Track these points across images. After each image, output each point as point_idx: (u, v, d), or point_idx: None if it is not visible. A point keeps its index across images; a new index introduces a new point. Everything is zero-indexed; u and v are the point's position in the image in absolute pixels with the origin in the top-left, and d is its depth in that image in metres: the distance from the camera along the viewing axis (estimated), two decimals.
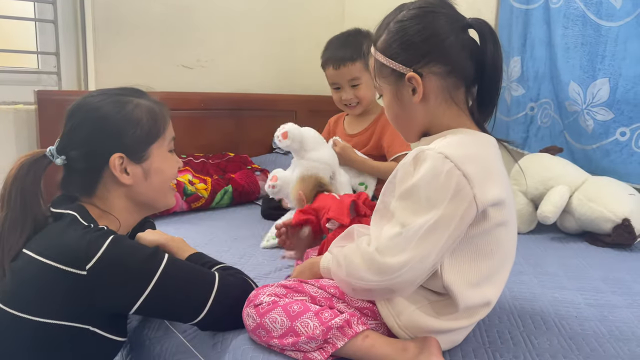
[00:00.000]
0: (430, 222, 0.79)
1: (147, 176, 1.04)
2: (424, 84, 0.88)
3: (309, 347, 0.87)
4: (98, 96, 1.04)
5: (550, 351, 0.95)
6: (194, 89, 2.32)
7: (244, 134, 2.46)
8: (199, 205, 1.90)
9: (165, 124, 1.08)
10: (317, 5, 2.75)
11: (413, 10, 0.90)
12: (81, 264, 0.88)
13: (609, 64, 1.77)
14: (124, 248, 0.93)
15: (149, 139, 1.04)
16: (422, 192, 0.80)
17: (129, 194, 1.04)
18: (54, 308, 0.89)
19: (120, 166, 1.01)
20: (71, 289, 0.89)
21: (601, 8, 1.77)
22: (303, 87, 2.68)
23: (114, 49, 2.08)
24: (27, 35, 2.05)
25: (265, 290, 0.95)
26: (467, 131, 0.90)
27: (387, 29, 0.91)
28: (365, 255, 0.84)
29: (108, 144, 1.00)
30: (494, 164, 0.88)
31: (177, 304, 0.97)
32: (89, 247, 0.89)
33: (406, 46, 0.89)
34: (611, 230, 1.61)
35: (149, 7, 2.17)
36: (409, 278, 0.81)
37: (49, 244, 0.92)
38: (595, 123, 1.82)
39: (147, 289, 0.91)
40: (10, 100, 1.92)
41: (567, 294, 1.22)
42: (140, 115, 1.03)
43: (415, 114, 0.92)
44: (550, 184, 1.72)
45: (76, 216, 0.96)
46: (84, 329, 0.91)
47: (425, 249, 0.80)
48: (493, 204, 0.83)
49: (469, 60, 0.88)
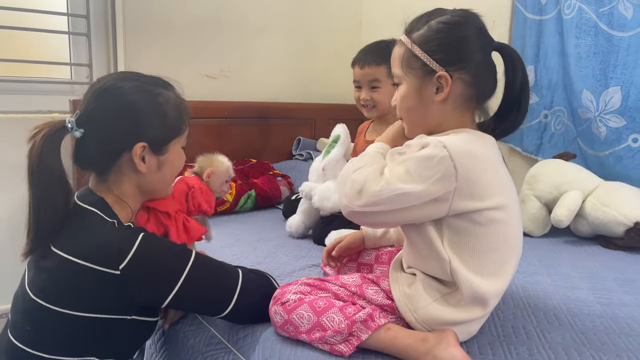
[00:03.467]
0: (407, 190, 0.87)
1: (160, 168, 1.05)
2: (451, 87, 0.94)
3: (335, 340, 0.92)
4: (129, 82, 1.02)
5: (562, 345, 1.00)
6: (218, 98, 2.41)
7: (266, 141, 2.54)
8: (224, 209, 1.98)
9: (187, 119, 1.09)
10: (334, 17, 2.83)
11: (456, 17, 0.95)
12: (114, 264, 0.91)
13: (620, 72, 1.81)
14: (154, 246, 0.97)
15: (172, 134, 1.06)
16: (414, 167, 0.87)
17: (139, 180, 1.05)
18: (92, 304, 0.93)
19: (141, 154, 1.01)
20: (106, 287, 0.92)
21: (612, 19, 1.81)
22: (322, 96, 2.75)
23: (143, 60, 2.18)
24: (62, 47, 2.15)
25: (290, 288, 1.01)
26: (469, 130, 0.96)
27: (428, 25, 0.95)
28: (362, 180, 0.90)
29: (132, 132, 1.00)
30: (494, 163, 0.94)
31: (205, 298, 1.02)
32: (121, 247, 0.92)
33: (446, 47, 0.94)
34: (623, 234, 1.65)
35: (175, 21, 2.28)
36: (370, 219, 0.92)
37: (80, 244, 0.94)
38: (608, 130, 1.86)
39: (177, 284, 0.95)
40: (46, 109, 2.02)
41: (580, 293, 1.26)
42: (168, 110, 1.03)
43: (430, 111, 0.97)
44: (563, 189, 1.77)
45: (98, 213, 0.98)
46: (122, 319, 0.96)
47: (393, 206, 0.88)
48: (469, 211, 0.89)
49: (489, 79, 0.96)
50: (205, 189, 1.31)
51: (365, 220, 0.94)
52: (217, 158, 1.36)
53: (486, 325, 1.05)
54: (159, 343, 1.25)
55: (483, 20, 0.97)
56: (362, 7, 2.92)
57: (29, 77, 2.07)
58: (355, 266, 1.26)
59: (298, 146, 2.62)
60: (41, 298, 0.93)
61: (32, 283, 0.96)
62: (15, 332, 0.96)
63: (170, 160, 1.07)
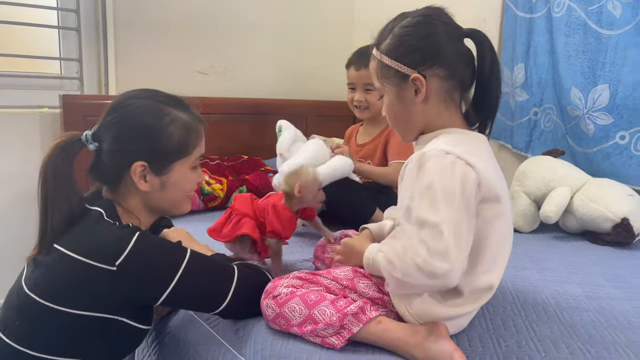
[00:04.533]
0: (453, 214, 0.84)
1: (163, 188, 1.05)
2: (427, 85, 0.95)
3: (326, 332, 0.93)
4: (143, 99, 1.04)
5: (550, 337, 1.01)
6: (210, 94, 2.40)
7: (257, 138, 2.53)
8: (216, 204, 1.98)
9: (196, 142, 1.07)
10: (327, 14, 2.83)
11: (417, 17, 0.98)
12: (111, 260, 0.91)
13: (609, 70, 1.83)
14: (150, 244, 0.98)
15: (175, 156, 1.05)
16: (437, 187, 0.86)
17: (144, 198, 1.06)
18: (86, 301, 0.92)
19: (141, 173, 1.02)
20: (102, 283, 0.92)
21: (601, 17, 1.84)
22: (313, 93, 2.76)
23: (134, 56, 2.17)
24: (51, 42, 2.13)
25: (282, 282, 1.02)
26: (459, 130, 0.98)
27: (392, 33, 0.98)
28: (419, 264, 0.84)
29: (136, 149, 1.02)
30: (487, 160, 0.95)
31: (200, 295, 1.02)
32: (118, 243, 0.93)
33: (412, 49, 0.96)
34: (611, 230, 1.67)
35: (167, 16, 2.26)
36: (459, 267, 0.85)
37: (78, 241, 0.95)
38: (596, 127, 1.88)
39: (172, 282, 0.96)
40: (35, 104, 2.01)
41: (568, 288, 1.28)
42: (174, 131, 1.03)
43: (414, 114, 0.99)
44: (552, 185, 1.79)
45: (102, 213, 1.00)
46: (114, 320, 0.95)
47: (459, 238, 0.84)
48: (490, 186, 0.89)
49: (465, 66, 0.97)
50: (281, 210, 1.24)
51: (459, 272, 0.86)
52: (302, 170, 1.28)
53: (476, 319, 1.06)
54: (150, 337, 1.25)
55: (448, 12, 0.99)
56: (354, 5, 2.93)
57: (18, 72, 2.04)
58: None
59: None
60: (35, 293, 0.93)
61: (28, 278, 0.97)
62: (4, 327, 0.95)
63: (173, 181, 1.06)
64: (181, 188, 1.08)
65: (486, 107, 0.99)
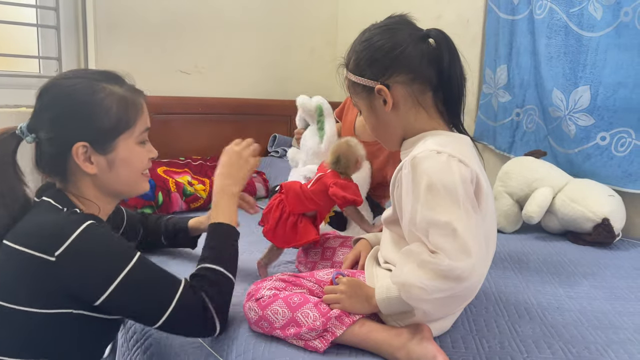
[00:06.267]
0: (461, 209, 0.83)
1: (111, 167, 0.99)
2: (392, 94, 0.96)
3: (309, 336, 0.92)
4: (73, 78, 0.98)
5: (532, 337, 1.02)
6: (192, 94, 2.38)
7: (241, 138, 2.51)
8: (198, 205, 1.96)
9: (137, 114, 1.01)
10: (311, 14, 2.82)
11: (374, 30, 0.99)
12: (50, 249, 0.85)
13: (590, 72, 1.85)
14: (96, 238, 0.90)
15: (116, 130, 0.98)
16: (439, 186, 0.85)
17: (95, 182, 1.00)
18: (33, 296, 0.87)
19: (84, 155, 0.96)
20: (42, 274, 0.86)
21: (582, 19, 1.86)
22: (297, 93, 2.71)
23: (115, 55, 2.14)
24: (29, 40, 2.09)
25: (265, 284, 1.00)
26: (443, 132, 0.97)
27: (354, 50, 1.00)
28: (437, 271, 0.81)
29: (73, 130, 0.96)
30: (473, 159, 0.94)
31: (140, 304, 0.94)
32: (60, 232, 0.87)
33: (371, 62, 0.97)
34: (592, 230, 1.69)
35: (148, 15, 2.24)
36: (481, 264, 0.84)
37: (20, 230, 0.90)
38: (577, 128, 1.90)
39: (113, 283, 0.88)
40: (12, 104, 1.97)
41: (550, 288, 1.29)
42: (110, 105, 0.97)
43: (390, 122, 1.00)
44: (534, 186, 1.81)
45: (50, 202, 0.94)
46: (67, 313, 0.89)
47: (474, 232, 0.83)
48: (480, 184, 0.89)
49: (429, 67, 0.95)
50: (344, 183, 1.26)
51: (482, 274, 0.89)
52: (353, 142, 1.31)
53: (459, 320, 1.06)
54: (131, 341, 1.23)
55: (408, 17, 1.00)
56: (338, 5, 2.93)
57: None
58: (330, 264, 1.26)
59: (274, 143, 2.61)
60: None
61: None
62: None
63: (121, 159, 1.00)
64: (132, 165, 1.02)
65: (451, 106, 0.98)
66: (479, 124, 2.31)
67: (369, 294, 0.94)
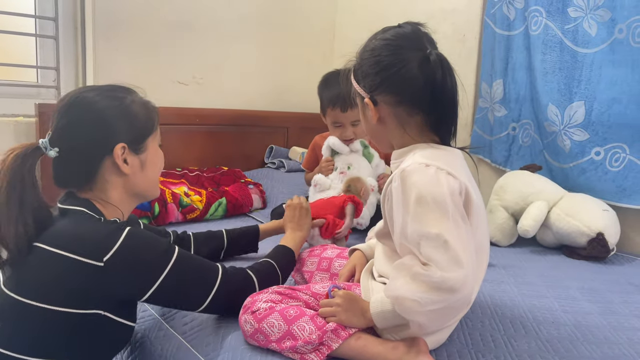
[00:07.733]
0: (451, 221, 0.84)
1: (143, 167, 1.08)
2: (378, 110, 0.97)
3: (305, 349, 0.92)
4: (93, 92, 1.06)
5: (528, 352, 1.02)
6: (190, 105, 2.39)
7: (238, 149, 2.52)
8: (194, 216, 1.95)
9: (156, 117, 1.12)
10: (308, 27, 2.84)
11: (378, 41, 0.98)
12: (99, 255, 0.92)
13: (584, 87, 1.87)
14: (139, 241, 0.99)
15: (146, 131, 1.09)
16: (428, 198, 0.85)
17: (126, 184, 1.07)
18: (69, 297, 0.93)
19: (122, 156, 1.04)
20: (87, 279, 0.92)
21: (577, 35, 1.88)
22: (294, 105, 2.76)
23: (113, 65, 2.14)
24: (28, 50, 2.10)
25: (261, 297, 1.00)
26: (433, 145, 0.96)
27: (361, 55, 1.01)
28: (430, 283, 0.81)
29: (110, 135, 1.03)
30: (462, 172, 0.94)
31: (183, 294, 1.04)
32: (107, 239, 0.94)
33: (364, 75, 0.98)
34: (586, 244, 1.70)
35: (147, 26, 2.25)
36: (473, 275, 0.84)
37: (65, 237, 0.96)
38: (572, 143, 1.92)
39: (159, 280, 0.97)
40: (10, 113, 1.97)
41: (545, 302, 1.29)
42: (137, 109, 1.07)
43: (378, 132, 1.02)
44: (530, 200, 1.82)
45: (85, 210, 1.01)
46: (98, 314, 0.95)
47: (464, 243, 0.83)
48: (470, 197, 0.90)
49: (421, 90, 0.93)
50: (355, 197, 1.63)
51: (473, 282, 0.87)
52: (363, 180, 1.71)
53: (455, 334, 1.06)
54: (125, 352, 1.22)
55: (418, 30, 0.98)
56: (335, 18, 2.95)
57: None
58: (327, 276, 1.26)
59: (270, 154, 2.61)
60: (17, 293, 0.93)
61: (8, 280, 0.96)
62: None
63: (150, 159, 1.10)
64: (156, 165, 1.14)
65: (443, 126, 0.97)
66: (475, 137, 2.33)
67: (364, 307, 0.94)
